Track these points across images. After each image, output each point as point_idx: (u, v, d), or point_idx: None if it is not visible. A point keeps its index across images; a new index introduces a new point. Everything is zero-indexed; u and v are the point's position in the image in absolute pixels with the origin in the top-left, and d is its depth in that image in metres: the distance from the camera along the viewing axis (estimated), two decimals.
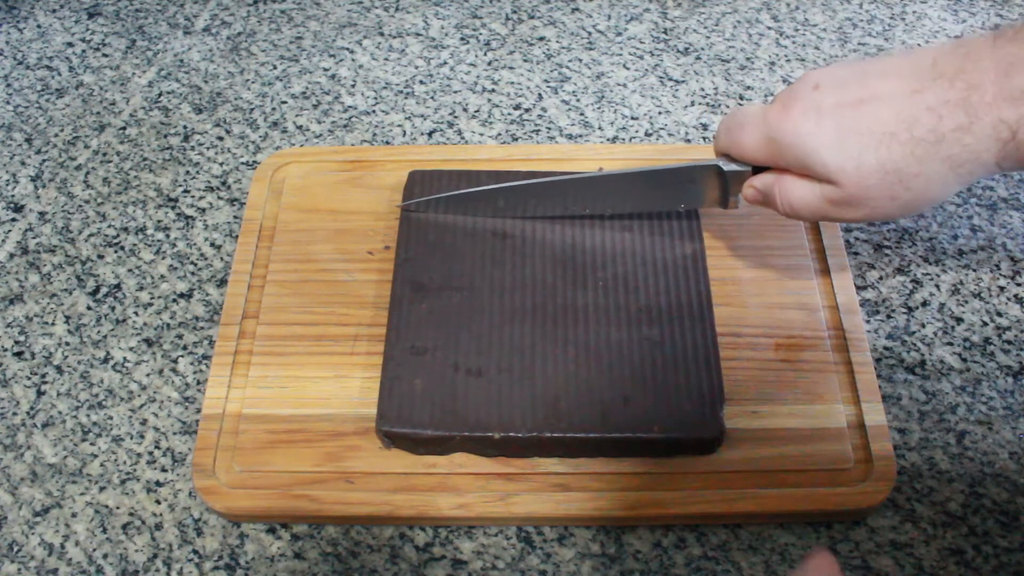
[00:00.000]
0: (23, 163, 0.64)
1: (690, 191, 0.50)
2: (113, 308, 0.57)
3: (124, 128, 0.66)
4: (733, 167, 0.47)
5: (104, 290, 0.57)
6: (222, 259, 0.58)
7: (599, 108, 0.66)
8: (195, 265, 0.58)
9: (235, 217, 0.61)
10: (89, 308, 0.57)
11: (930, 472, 0.49)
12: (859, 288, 0.56)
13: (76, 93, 0.69)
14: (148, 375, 0.54)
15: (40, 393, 0.53)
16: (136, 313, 0.56)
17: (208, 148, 0.65)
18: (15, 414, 0.52)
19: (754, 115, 0.44)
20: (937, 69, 0.39)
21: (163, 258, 0.59)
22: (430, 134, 0.65)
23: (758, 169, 0.47)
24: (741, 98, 0.66)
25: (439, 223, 0.54)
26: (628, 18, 0.73)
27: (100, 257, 0.59)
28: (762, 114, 0.44)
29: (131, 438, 0.51)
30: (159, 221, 0.61)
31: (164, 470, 0.50)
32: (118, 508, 0.49)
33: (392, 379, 0.48)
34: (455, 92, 0.68)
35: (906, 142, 0.39)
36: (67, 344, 0.55)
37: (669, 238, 0.54)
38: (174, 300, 0.57)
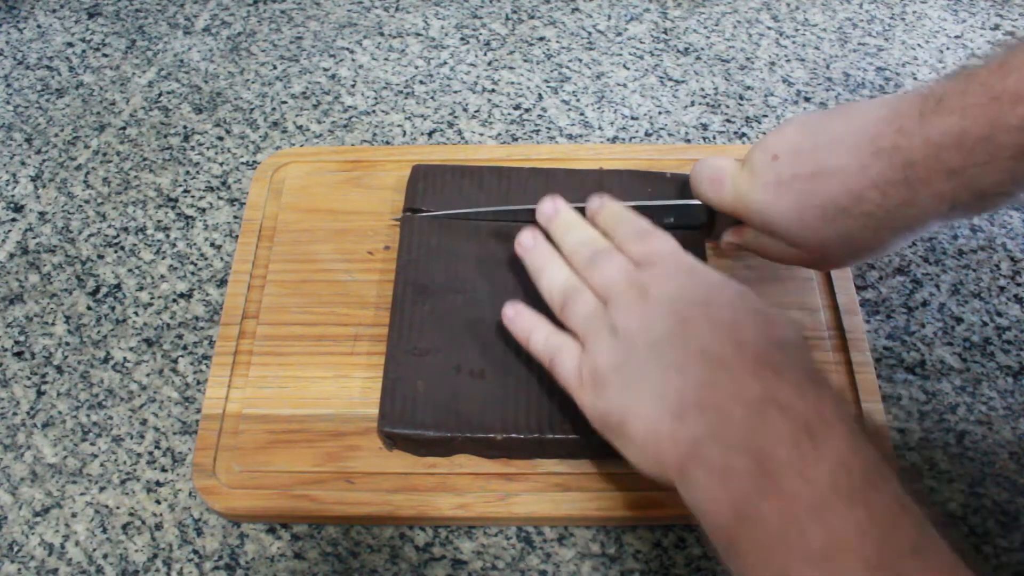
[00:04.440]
0: (23, 163, 0.64)
1: (680, 219, 0.53)
2: (113, 308, 0.57)
3: (124, 128, 0.66)
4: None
5: (104, 290, 0.57)
6: (222, 259, 0.58)
7: (599, 108, 0.66)
8: (195, 265, 0.58)
9: (235, 217, 0.61)
10: (89, 308, 0.57)
11: (930, 472, 0.49)
12: (859, 288, 0.56)
13: (76, 93, 0.69)
14: (148, 375, 0.54)
15: (40, 393, 0.53)
16: (136, 313, 0.56)
17: (208, 148, 0.65)
18: (15, 414, 0.52)
19: (728, 173, 0.47)
20: (877, 144, 0.41)
21: (163, 258, 0.59)
22: (430, 134, 0.65)
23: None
24: (741, 98, 0.66)
25: (441, 225, 0.54)
26: (628, 18, 0.73)
27: (100, 257, 0.59)
28: (733, 176, 0.47)
29: (131, 438, 0.51)
30: (159, 221, 0.61)
31: (164, 470, 0.50)
32: (118, 508, 0.49)
33: (394, 380, 0.48)
34: (455, 92, 0.68)
35: (858, 216, 0.42)
36: (67, 344, 0.55)
37: None
38: (174, 300, 0.57)
